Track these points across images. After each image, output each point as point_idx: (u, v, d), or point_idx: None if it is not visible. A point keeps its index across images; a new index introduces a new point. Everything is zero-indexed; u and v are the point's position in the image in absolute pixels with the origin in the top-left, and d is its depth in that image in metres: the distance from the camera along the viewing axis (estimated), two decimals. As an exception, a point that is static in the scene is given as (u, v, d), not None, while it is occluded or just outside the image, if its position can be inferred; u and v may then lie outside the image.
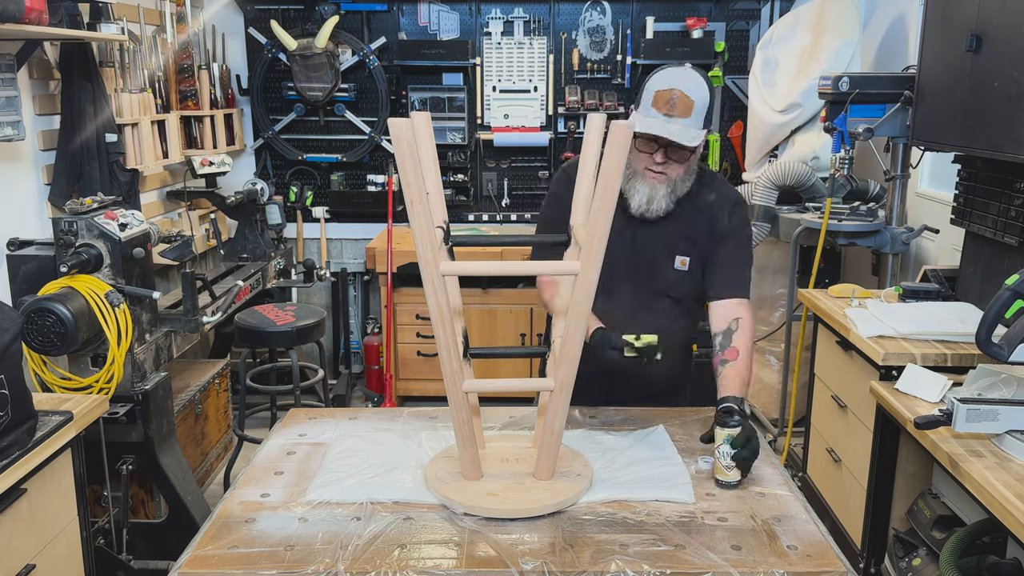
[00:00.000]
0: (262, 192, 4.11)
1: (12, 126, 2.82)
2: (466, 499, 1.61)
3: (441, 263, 1.49)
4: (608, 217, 1.45)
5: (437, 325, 1.53)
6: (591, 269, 1.49)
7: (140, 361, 2.79)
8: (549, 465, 1.68)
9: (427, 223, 1.45)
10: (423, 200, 1.43)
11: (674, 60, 4.38)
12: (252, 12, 4.60)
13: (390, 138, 4.02)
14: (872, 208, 3.50)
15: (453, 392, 1.59)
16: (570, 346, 1.56)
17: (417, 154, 1.42)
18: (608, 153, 1.41)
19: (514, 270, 1.63)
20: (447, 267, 1.50)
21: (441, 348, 1.55)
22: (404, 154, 1.40)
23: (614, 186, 1.42)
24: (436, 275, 1.49)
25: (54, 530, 2.11)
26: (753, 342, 1.99)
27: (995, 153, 2.44)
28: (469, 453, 1.66)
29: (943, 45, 2.77)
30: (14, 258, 2.72)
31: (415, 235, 1.46)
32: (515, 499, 1.62)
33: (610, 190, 1.42)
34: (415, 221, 1.44)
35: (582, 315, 1.53)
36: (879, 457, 2.50)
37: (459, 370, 1.58)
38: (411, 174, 1.41)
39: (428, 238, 1.46)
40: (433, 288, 1.50)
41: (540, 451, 1.68)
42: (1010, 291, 1.88)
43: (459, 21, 4.62)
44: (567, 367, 1.58)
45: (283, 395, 3.64)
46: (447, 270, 1.50)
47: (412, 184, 1.41)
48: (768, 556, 1.47)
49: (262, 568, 1.44)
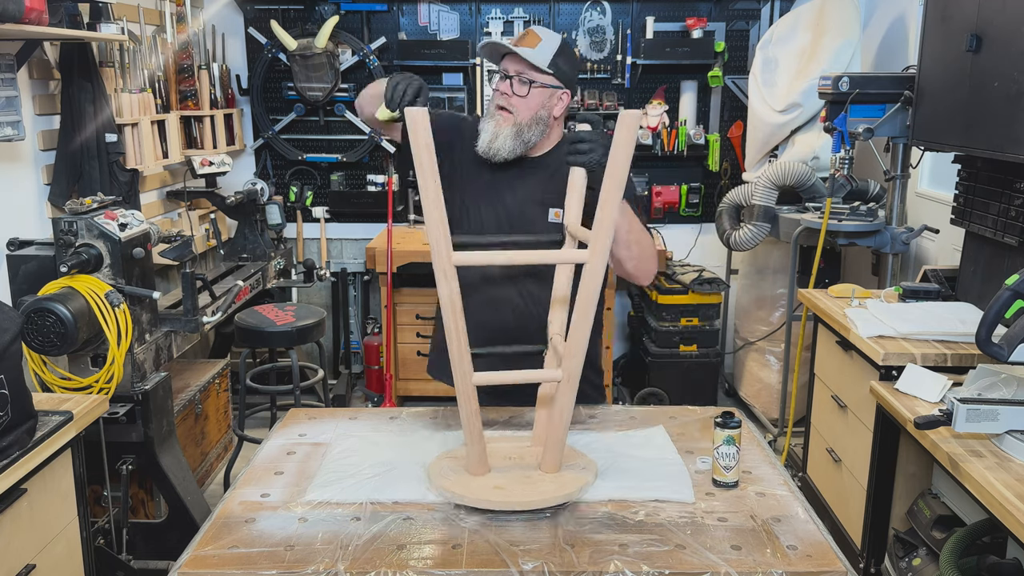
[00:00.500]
0: (262, 192, 4.11)
1: (12, 126, 2.82)
2: (471, 493, 1.61)
3: (454, 254, 1.50)
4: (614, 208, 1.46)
5: (448, 316, 1.54)
6: (598, 259, 1.50)
7: (140, 361, 2.79)
8: (556, 457, 1.68)
9: (440, 212, 1.47)
10: (437, 190, 1.46)
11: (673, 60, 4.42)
12: (252, 12, 4.60)
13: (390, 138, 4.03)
14: (872, 208, 3.50)
15: (462, 385, 1.59)
16: (578, 337, 1.57)
17: (432, 143, 1.45)
18: (616, 141, 1.43)
19: (523, 259, 1.66)
20: (459, 257, 1.52)
21: (451, 340, 1.55)
22: (420, 142, 1.44)
23: (622, 176, 1.44)
24: (448, 265, 1.51)
25: (54, 530, 2.11)
26: (646, 237, 1.96)
27: (995, 153, 2.44)
28: (477, 449, 1.66)
29: (943, 45, 2.77)
30: (14, 258, 2.72)
31: (428, 224, 1.48)
32: (522, 491, 1.61)
33: (617, 179, 1.44)
34: (428, 210, 1.47)
35: (589, 305, 1.54)
36: (879, 457, 2.50)
37: (469, 363, 1.58)
38: (426, 164, 1.45)
39: (441, 228, 1.48)
40: (445, 278, 1.51)
41: (547, 443, 1.68)
42: (1010, 291, 1.89)
43: (459, 21, 4.62)
44: (573, 360, 1.58)
45: (283, 395, 3.64)
46: (460, 260, 1.52)
47: (427, 173, 1.45)
48: (768, 556, 1.47)
49: (262, 568, 1.44)
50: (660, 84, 4.66)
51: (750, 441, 1.94)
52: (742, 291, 4.50)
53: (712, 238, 4.60)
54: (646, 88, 4.68)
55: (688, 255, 4.81)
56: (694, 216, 4.82)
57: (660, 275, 4.37)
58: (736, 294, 4.60)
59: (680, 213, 4.79)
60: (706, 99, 4.69)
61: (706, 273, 4.34)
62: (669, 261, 4.37)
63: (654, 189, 4.73)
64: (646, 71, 4.57)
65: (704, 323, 4.31)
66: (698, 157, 4.67)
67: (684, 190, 4.76)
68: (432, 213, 1.47)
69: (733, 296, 4.66)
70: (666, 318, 4.29)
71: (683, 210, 4.79)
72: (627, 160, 1.46)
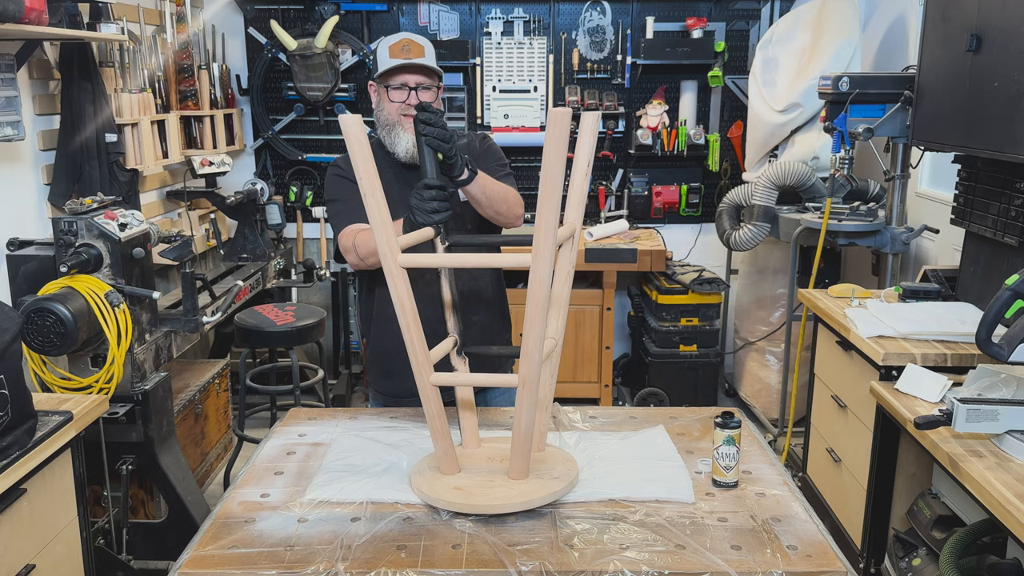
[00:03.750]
0: (262, 192, 4.12)
1: (12, 126, 2.82)
2: (432, 491, 1.63)
3: (400, 256, 1.53)
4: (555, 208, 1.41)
5: (401, 317, 1.56)
6: (543, 263, 1.44)
7: (140, 361, 2.79)
8: (522, 464, 1.66)
9: (384, 216, 1.50)
10: (379, 195, 1.49)
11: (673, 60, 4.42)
12: (252, 12, 4.60)
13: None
14: (872, 208, 3.51)
15: (422, 384, 1.61)
16: (531, 341, 1.51)
17: (367, 149, 1.49)
18: (549, 139, 1.39)
19: (474, 262, 1.63)
20: (405, 259, 1.54)
21: (407, 341, 1.57)
22: (355, 149, 1.47)
23: (558, 173, 1.40)
24: (395, 267, 1.54)
25: (54, 530, 2.11)
26: (510, 192, 2.09)
27: (995, 153, 2.44)
28: (442, 446, 1.67)
29: (943, 45, 2.77)
30: (14, 258, 2.72)
31: (373, 228, 1.52)
32: (478, 495, 1.62)
33: (553, 178, 1.39)
34: (371, 214, 1.50)
35: (539, 308, 1.48)
36: (879, 457, 2.50)
37: (425, 362, 1.59)
38: (362, 168, 1.48)
39: (385, 231, 1.51)
40: (393, 280, 1.54)
41: (512, 451, 1.67)
42: (1010, 291, 1.89)
43: (459, 21, 4.62)
44: (528, 363, 1.53)
45: (283, 395, 3.65)
46: (405, 262, 1.54)
47: (364, 177, 1.49)
48: (768, 556, 1.47)
49: (262, 568, 1.44)
50: (660, 84, 4.66)
51: (750, 441, 1.94)
52: (742, 291, 4.50)
53: (712, 238, 4.60)
54: (646, 88, 4.68)
55: (688, 255, 4.81)
56: (694, 216, 4.82)
57: (660, 275, 4.37)
58: (736, 294, 4.60)
59: (680, 213, 4.79)
60: (706, 99, 4.69)
61: (706, 273, 4.34)
62: (669, 261, 4.37)
63: (654, 189, 4.74)
64: (646, 71, 4.57)
65: (704, 323, 4.31)
66: (698, 157, 4.67)
67: (684, 190, 4.76)
68: (375, 217, 1.50)
69: (733, 296, 4.66)
70: (666, 318, 4.29)
71: (683, 210, 4.79)
72: (561, 154, 1.40)
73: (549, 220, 1.41)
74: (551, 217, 1.41)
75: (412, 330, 1.57)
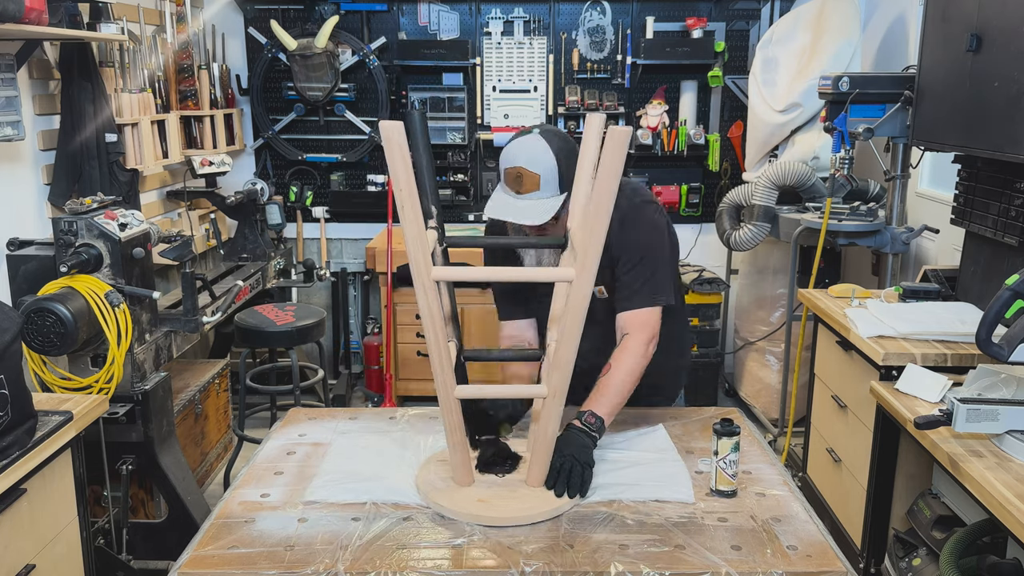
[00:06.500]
0: (262, 192, 4.11)
1: (12, 126, 2.82)
2: (455, 505, 1.61)
3: (433, 269, 1.48)
4: (604, 222, 1.43)
5: (429, 330, 1.52)
6: (586, 275, 1.46)
7: (140, 361, 2.79)
8: (542, 471, 1.67)
9: (419, 227, 1.44)
10: (415, 204, 1.43)
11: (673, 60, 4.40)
12: (252, 12, 4.59)
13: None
14: (872, 208, 3.51)
15: (444, 397, 1.59)
16: (564, 353, 1.53)
17: (409, 157, 1.42)
18: (606, 155, 1.40)
19: (507, 276, 1.60)
20: (439, 272, 1.50)
21: (432, 353, 1.54)
22: (395, 157, 1.40)
23: (612, 190, 1.40)
24: (428, 280, 1.48)
25: (54, 530, 2.11)
26: (638, 360, 1.88)
27: (995, 153, 2.44)
28: (460, 457, 1.66)
29: (943, 45, 2.77)
30: (14, 258, 2.71)
31: (407, 239, 1.45)
32: (504, 506, 1.61)
33: (607, 194, 1.40)
34: (407, 225, 1.44)
35: (577, 322, 1.50)
36: (879, 457, 2.50)
37: (451, 375, 1.57)
38: (402, 177, 1.41)
39: (420, 242, 1.45)
40: (425, 293, 1.49)
41: (532, 457, 1.67)
42: (1010, 291, 1.88)
43: (459, 21, 4.62)
44: (559, 374, 1.55)
45: (283, 395, 3.64)
46: (439, 275, 1.50)
47: (404, 188, 1.41)
48: (768, 556, 1.47)
49: (262, 568, 1.44)
50: (660, 84, 4.66)
51: (750, 441, 1.94)
52: (742, 291, 4.50)
53: (712, 238, 4.60)
54: (646, 88, 4.68)
55: (688, 255, 4.81)
56: (694, 216, 4.82)
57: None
58: (736, 294, 4.60)
59: (680, 213, 4.79)
60: (706, 99, 4.69)
61: (706, 273, 4.34)
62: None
63: (654, 189, 4.73)
64: (646, 71, 4.57)
65: (704, 323, 4.31)
66: (698, 157, 4.67)
67: (684, 190, 4.76)
68: (410, 229, 1.44)
69: (733, 296, 4.65)
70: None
71: (683, 210, 4.79)
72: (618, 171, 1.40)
73: (598, 233, 1.41)
74: (600, 230, 1.41)
75: (439, 342, 1.53)
